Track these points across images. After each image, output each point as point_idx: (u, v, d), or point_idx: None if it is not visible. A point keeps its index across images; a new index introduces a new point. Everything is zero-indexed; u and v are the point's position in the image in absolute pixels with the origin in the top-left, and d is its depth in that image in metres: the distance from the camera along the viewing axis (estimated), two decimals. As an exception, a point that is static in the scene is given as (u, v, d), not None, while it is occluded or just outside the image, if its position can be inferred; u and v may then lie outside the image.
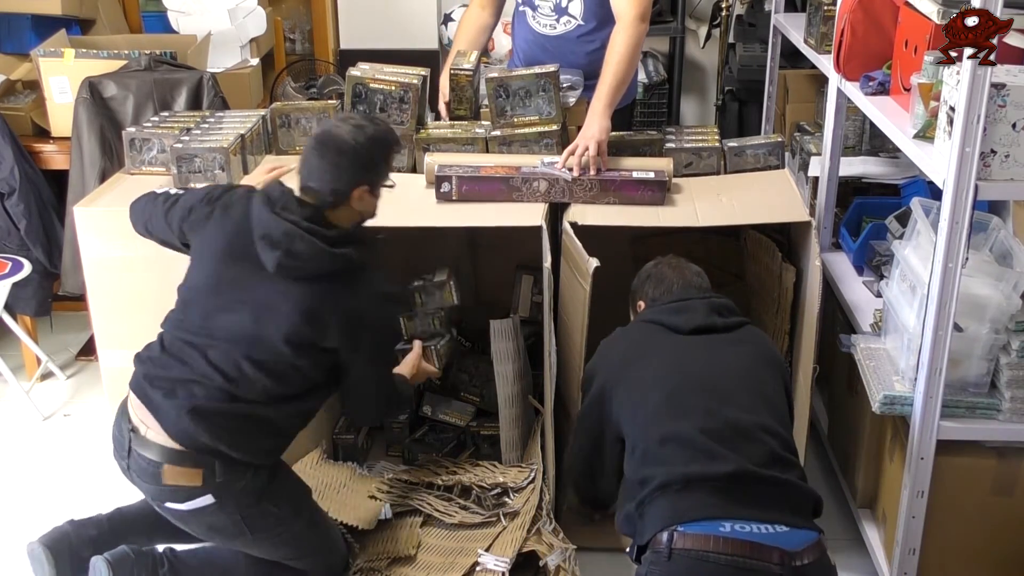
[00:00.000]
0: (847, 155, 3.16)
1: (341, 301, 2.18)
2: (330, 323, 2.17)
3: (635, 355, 2.20)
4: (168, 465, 2.15)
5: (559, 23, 3.07)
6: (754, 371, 2.15)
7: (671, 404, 2.06)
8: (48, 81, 3.44)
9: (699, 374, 2.11)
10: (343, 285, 2.19)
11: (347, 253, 2.18)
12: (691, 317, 2.21)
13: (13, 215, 3.40)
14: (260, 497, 2.24)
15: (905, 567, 2.32)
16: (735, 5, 4.70)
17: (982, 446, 2.31)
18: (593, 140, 2.72)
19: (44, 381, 3.60)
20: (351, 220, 2.26)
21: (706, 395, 2.06)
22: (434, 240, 3.18)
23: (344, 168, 2.19)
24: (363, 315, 2.21)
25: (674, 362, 2.15)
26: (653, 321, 2.25)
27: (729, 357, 2.16)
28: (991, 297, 2.18)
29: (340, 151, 2.19)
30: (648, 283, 2.36)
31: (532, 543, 2.58)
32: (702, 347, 2.17)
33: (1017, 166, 2.02)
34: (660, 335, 2.21)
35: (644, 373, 2.14)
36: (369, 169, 2.23)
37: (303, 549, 2.38)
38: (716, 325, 2.20)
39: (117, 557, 2.30)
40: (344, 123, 2.22)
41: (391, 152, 2.29)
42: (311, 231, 2.15)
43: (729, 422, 2.01)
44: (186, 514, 2.22)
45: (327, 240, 2.16)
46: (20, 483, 3.09)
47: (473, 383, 3.14)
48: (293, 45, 4.71)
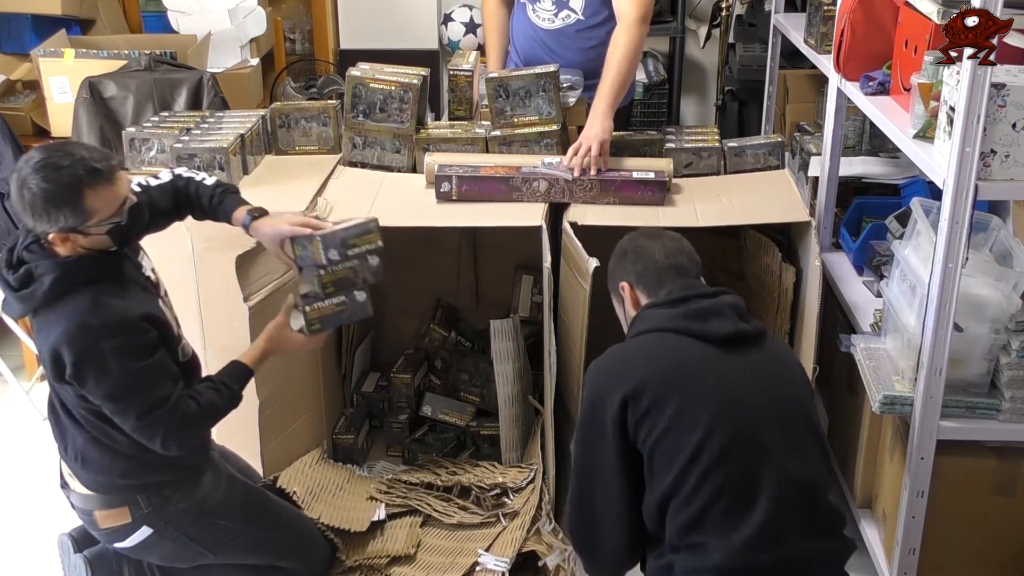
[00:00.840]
0: (847, 155, 3.16)
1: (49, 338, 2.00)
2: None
3: (675, 377, 1.89)
4: (97, 511, 2.17)
5: (558, 17, 3.07)
6: (803, 403, 1.96)
7: (733, 455, 1.82)
8: (48, 81, 3.44)
9: (759, 415, 1.86)
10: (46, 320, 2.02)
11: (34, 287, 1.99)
12: (721, 324, 1.94)
13: (13, 215, 3.40)
14: (199, 514, 2.22)
15: (905, 567, 2.31)
16: (735, 5, 4.70)
17: (982, 446, 2.31)
18: (596, 140, 2.72)
19: (44, 381, 3.60)
20: (88, 246, 2.03)
21: (771, 445, 1.84)
22: (434, 240, 3.18)
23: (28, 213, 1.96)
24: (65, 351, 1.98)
25: (726, 393, 1.87)
26: (676, 331, 1.95)
27: (780, 386, 1.93)
28: (991, 297, 2.18)
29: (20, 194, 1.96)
30: (627, 259, 2.11)
31: (532, 543, 2.58)
32: (747, 370, 1.91)
33: (1017, 166, 2.02)
34: (694, 350, 1.92)
35: (693, 405, 1.85)
36: (44, 219, 1.96)
37: (276, 552, 2.38)
38: (747, 333, 1.95)
39: (96, 554, 2.32)
40: (26, 161, 1.97)
41: (67, 199, 1.95)
42: None
43: (798, 488, 1.84)
44: (135, 549, 2.23)
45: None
46: (20, 483, 3.09)
47: (473, 383, 3.14)
48: (293, 45, 4.71)
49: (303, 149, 3.03)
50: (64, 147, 2.00)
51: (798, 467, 1.86)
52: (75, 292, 1.99)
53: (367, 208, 2.71)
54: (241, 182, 2.83)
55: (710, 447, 1.82)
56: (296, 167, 2.95)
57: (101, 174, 1.97)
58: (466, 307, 3.35)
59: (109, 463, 2.11)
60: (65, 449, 2.16)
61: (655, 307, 2.02)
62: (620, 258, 2.13)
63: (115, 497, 2.16)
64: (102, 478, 2.13)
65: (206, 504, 2.22)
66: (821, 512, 1.88)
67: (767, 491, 1.82)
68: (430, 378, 3.22)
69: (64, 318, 1.97)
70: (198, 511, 2.21)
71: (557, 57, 3.06)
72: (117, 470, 2.12)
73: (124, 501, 2.15)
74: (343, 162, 2.97)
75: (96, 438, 2.10)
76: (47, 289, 1.97)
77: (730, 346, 1.92)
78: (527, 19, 3.15)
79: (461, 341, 3.26)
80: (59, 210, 1.94)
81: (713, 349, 1.92)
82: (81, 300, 1.98)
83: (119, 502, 2.16)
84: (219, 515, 2.25)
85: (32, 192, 1.93)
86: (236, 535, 2.28)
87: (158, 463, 2.13)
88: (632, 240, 2.16)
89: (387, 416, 3.11)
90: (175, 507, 2.18)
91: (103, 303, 1.99)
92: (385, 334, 3.34)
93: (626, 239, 2.18)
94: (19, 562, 2.77)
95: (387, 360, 3.24)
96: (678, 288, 2.03)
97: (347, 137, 2.95)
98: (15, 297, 2.01)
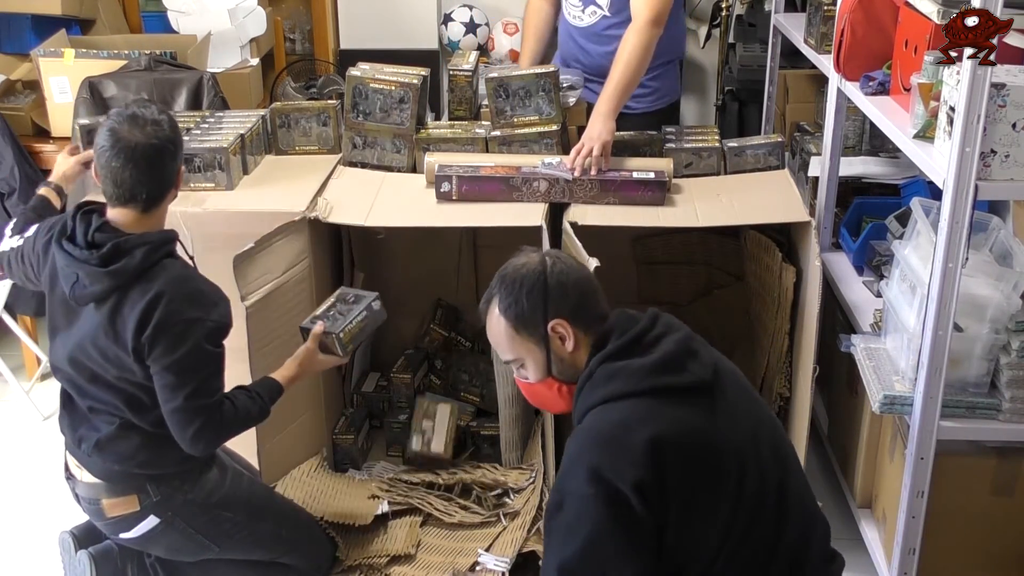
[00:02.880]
0: (847, 155, 3.16)
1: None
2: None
3: (691, 458, 1.62)
4: (105, 499, 2.19)
5: (585, 13, 3.08)
6: (778, 424, 1.81)
7: (759, 523, 1.66)
8: (48, 81, 3.44)
9: (765, 468, 1.68)
10: None
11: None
12: (695, 366, 1.69)
13: (13, 215, 3.39)
14: (207, 507, 2.24)
15: (905, 567, 2.32)
16: (735, 5, 4.69)
17: (982, 446, 2.31)
18: (598, 141, 2.71)
19: (44, 381, 3.60)
20: (162, 223, 2.17)
21: (786, 508, 1.69)
22: (434, 240, 3.18)
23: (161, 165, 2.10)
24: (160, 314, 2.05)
25: (735, 457, 1.65)
26: (661, 392, 1.65)
27: (767, 428, 1.74)
28: (991, 297, 2.18)
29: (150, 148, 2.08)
30: (554, 293, 1.72)
31: (532, 543, 2.58)
32: (735, 413, 1.70)
33: (1017, 166, 2.02)
34: (692, 417, 1.65)
35: (713, 490, 1.63)
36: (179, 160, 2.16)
37: (279, 547, 2.40)
38: (717, 360, 1.75)
39: (100, 551, 2.33)
40: (137, 119, 2.08)
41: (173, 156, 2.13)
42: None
43: (809, 546, 1.72)
44: (140, 540, 2.25)
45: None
46: (20, 483, 3.09)
47: (473, 383, 3.14)
48: (293, 45, 4.71)
49: (303, 149, 3.03)
50: (142, 109, 2.11)
51: (804, 529, 1.72)
52: (162, 264, 2.08)
53: (367, 208, 2.71)
54: (241, 182, 2.83)
55: (738, 524, 1.63)
56: (296, 167, 2.95)
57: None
58: (466, 307, 3.35)
59: (130, 451, 2.14)
60: (78, 442, 2.17)
61: (610, 359, 1.70)
62: (538, 293, 1.72)
63: (124, 485, 2.18)
64: (118, 466, 2.15)
65: (213, 497, 2.24)
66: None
67: (786, 546, 1.69)
68: (430, 378, 3.22)
69: (158, 283, 2.05)
70: (205, 503, 2.23)
71: (587, 55, 3.07)
72: (136, 459, 2.15)
73: (133, 489, 2.18)
74: (343, 162, 2.97)
75: (124, 423, 2.12)
76: (140, 260, 2.04)
77: (711, 388, 1.69)
78: (564, 17, 3.18)
79: (461, 341, 3.26)
80: (176, 160, 2.12)
81: (702, 401, 1.67)
82: (172, 269, 2.09)
83: (128, 490, 2.18)
84: (225, 508, 2.27)
85: (169, 136, 2.08)
86: (241, 529, 2.30)
87: (173, 455, 2.16)
88: (536, 268, 1.75)
89: (387, 416, 3.10)
90: (183, 497, 2.20)
91: (194, 274, 2.14)
92: (385, 334, 3.33)
93: (527, 269, 1.75)
94: (19, 561, 2.77)
95: (387, 360, 3.24)
96: (619, 327, 1.73)
97: (347, 137, 2.95)
98: (104, 273, 2.04)
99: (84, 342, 2.10)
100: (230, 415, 2.13)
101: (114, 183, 2.06)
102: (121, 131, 2.04)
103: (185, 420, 2.08)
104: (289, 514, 2.46)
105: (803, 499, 1.75)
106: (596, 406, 1.68)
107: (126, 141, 2.04)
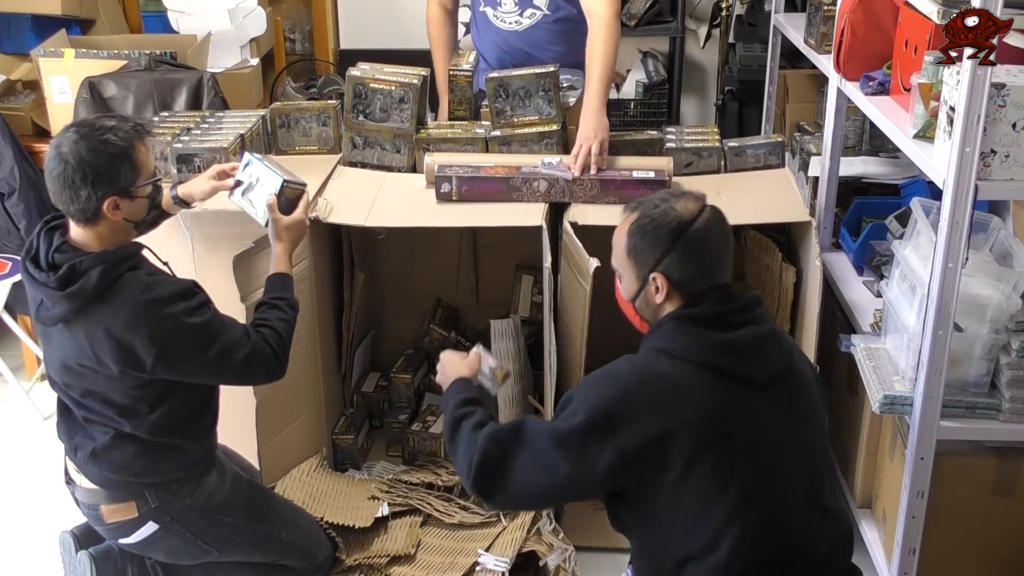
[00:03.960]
0: (847, 155, 3.16)
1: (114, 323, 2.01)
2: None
3: (713, 434, 1.68)
4: (104, 506, 2.19)
5: (524, 16, 3.06)
6: (823, 444, 1.85)
7: (772, 522, 1.71)
8: (48, 81, 3.44)
9: (788, 470, 1.74)
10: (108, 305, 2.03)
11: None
12: (765, 364, 1.74)
13: (13, 215, 3.40)
14: (206, 511, 2.23)
15: (905, 567, 2.31)
16: (735, 5, 4.70)
17: (982, 446, 2.31)
18: (596, 140, 2.71)
19: (44, 381, 3.60)
20: (117, 233, 2.06)
21: (795, 507, 1.74)
22: (434, 240, 3.18)
23: (77, 186, 1.97)
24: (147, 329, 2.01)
25: (762, 450, 1.71)
26: (716, 369, 1.71)
27: (806, 431, 1.79)
28: (991, 297, 2.18)
29: (63, 174, 1.97)
30: (677, 249, 1.74)
31: (532, 543, 2.58)
32: (781, 414, 1.75)
33: (1017, 166, 2.02)
34: (733, 400, 1.71)
35: (727, 466, 1.68)
36: (101, 180, 1.98)
37: (279, 550, 2.39)
38: (786, 368, 1.79)
39: (101, 551, 2.33)
40: (63, 146, 1.98)
41: (121, 152, 2.00)
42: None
43: (818, 549, 1.78)
44: (139, 545, 2.24)
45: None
46: (20, 483, 3.09)
47: (473, 383, 3.14)
48: (293, 45, 4.71)
49: (303, 149, 3.04)
50: (96, 119, 2.06)
51: (818, 529, 1.79)
52: (123, 280, 2.02)
53: (367, 208, 2.71)
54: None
55: (747, 516, 1.68)
56: (296, 167, 2.93)
57: (144, 128, 2.06)
58: (466, 307, 3.35)
59: (126, 460, 2.13)
60: (75, 450, 2.16)
61: (687, 322, 1.75)
62: (664, 242, 1.74)
63: (122, 492, 2.17)
64: (115, 475, 2.15)
65: (212, 501, 2.23)
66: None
67: (792, 543, 1.75)
68: (430, 378, 3.22)
69: (124, 305, 2.00)
70: (204, 508, 2.23)
71: (532, 58, 3.06)
72: (132, 468, 2.14)
73: (131, 496, 2.17)
74: (343, 162, 2.97)
75: (119, 433, 2.11)
76: (97, 280, 1.99)
77: (770, 385, 1.74)
78: (492, 26, 3.11)
79: (461, 341, 3.26)
80: (116, 168, 1.99)
81: (752, 392, 1.73)
82: (134, 283, 2.02)
83: (126, 496, 2.17)
84: (224, 512, 2.26)
85: (82, 157, 1.96)
86: (240, 532, 2.30)
87: (170, 463, 2.16)
88: (683, 218, 1.74)
89: (387, 416, 3.11)
90: (181, 503, 2.20)
91: (154, 280, 2.05)
92: (385, 334, 3.34)
93: (675, 214, 1.75)
94: (20, 561, 2.77)
95: (387, 360, 3.24)
96: (718, 298, 1.76)
97: (347, 137, 2.95)
98: (62, 296, 2.00)
99: (68, 361, 2.07)
100: (273, 338, 2.16)
101: (54, 203, 2.03)
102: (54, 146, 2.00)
103: (249, 375, 2.14)
104: (289, 516, 2.45)
105: (817, 510, 1.79)
106: (656, 349, 1.76)
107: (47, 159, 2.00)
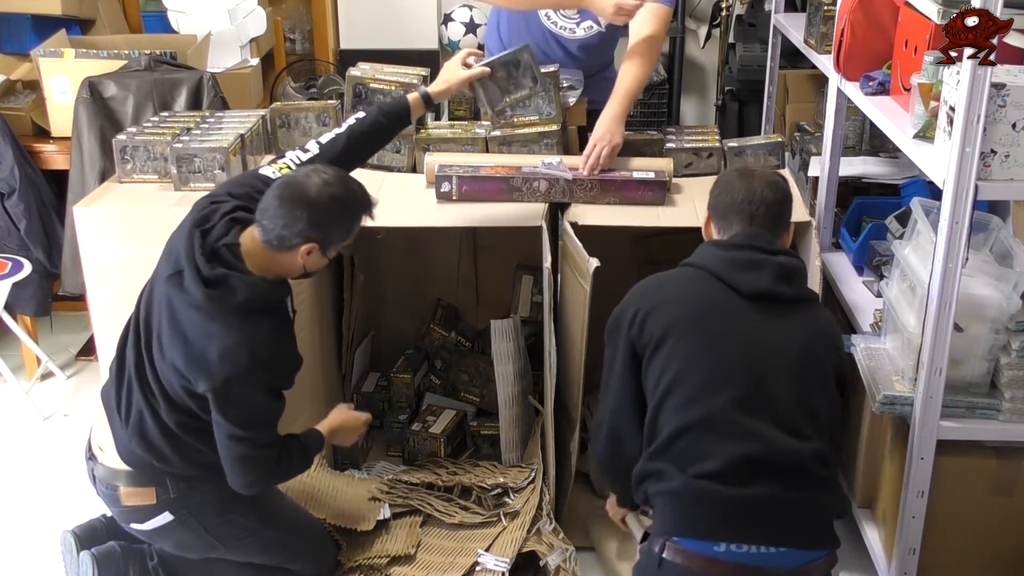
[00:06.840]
0: (847, 155, 3.16)
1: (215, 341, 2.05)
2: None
3: (684, 317, 2.02)
4: (124, 487, 2.20)
5: (580, 28, 3.01)
6: (806, 351, 2.03)
7: (704, 391, 1.96)
8: (48, 81, 3.44)
9: (745, 354, 1.98)
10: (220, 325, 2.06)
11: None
12: (756, 279, 2.03)
13: (13, 215, 3.40)
14: (222, 509, 2.25)
15: (905, 567, 2.32)
16: (735, 5, 4.70)
17: (982, 446, 2.31)
18: (610, 144, 2.71)
19: (44, 381, 3.60)
20: (287, 270, 2.13)
21: (747, 388, 1.96)
22: (434, 240, 3.18)
23: (298, 218, 2.05)
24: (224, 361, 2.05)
25: (722, 338, 2.00)
26: (712, 273, 2.06)
27: (780, 335, 2.01)
28: (991, 297, 2.18)
29: (299, 200, 2.06)
30: (716, 189, 2.17)
31: (532, 543, 2.58)
32: (756, 318, 2.02)
33: (1017, 166, 2.02)
34: (716, 295, 2.04)
35: (689, 345, 1.99)
36: (322, 226, 2.08)
37: (285, 553, 2.40)
38: (780, 295, 2.04)
39: (103, 552, 2.33)
40: (314, 175, 2.09)
41: (354, 216, 2.14)
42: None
43: (765, 423, 1.94)
44: (151, 534, 2.26)
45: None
46: (20, 483, 3.09)
47: (473, 383, 3.14)
48: (293, 45, 4.71)
49: (303, 149, 3.03)
50: (348, 177, 2.16)
51: (784, 436, 1.94)
52: (258, 315, 2.06)
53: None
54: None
55: (690, 385, 1.96)
56: (296, 167, 2.95)
57: (372, 207, 2.17)
58: (466, 307, 3.35)
59: (154, 437, 2.14)
60: (126, 420, 2.17)
61: (712, 245, 2.13)
62: (714, 186, 2.20)
63: (145, 475, 2.18)
64: (140, 451, 2.16)
65: (229, 500, 2.24)
66: (789, 461, 1.94)
67: (738, 440, 1.92)
68: (430, 378, 3.22)
69: (242, 333, 2.04)
70: (220, 505, 2.24)
71: (578, 62, 3.05)
72: (156, 449, 2.15)
73: (152, 482, 2.19)
74: (343, 162, 2.97)
75: (155, 413, 2.13)
76: (239, 304, 2.03)
77: (758, 303, 2.02)
78: (541, 27, 3.04)
79: (461, 341, 3.26)
80: (339, 223, 2.10)
81: (739, 300, 2.02)
82: (262, 326, 2.07)
83: (148, 481, 2.19)
84: (238, 512, 2.28)
85: (329, 198, 2.05)
86: (251, 533, 2.31)
87: (191, 458, 2.19)
88: (729, 172, 2.24)
89: (387, 416, 3.11)
90: (200, 498, 2.22)
91: (277, 339, 2.11)
92: (385, 334, 3.34)
93: (730, 169, 2.30)
94: (20, 561, 2.77)
95: (387, 360, 3.24)
96: (743, 235, 2.10)
97: (347, 137, 2.94)
98: (203, 294, 2.03)
99: (161, 327, 2.10)
100: (284, 467, 2.22)
101: (264, 209, 2.07)
102: (298, 177, 2.09)
103: (244, 467, 2.13)
104: (299, 522, 2.46)
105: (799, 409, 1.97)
106: (680, 264, 2.15)
107: (302, 185, 2.06)
